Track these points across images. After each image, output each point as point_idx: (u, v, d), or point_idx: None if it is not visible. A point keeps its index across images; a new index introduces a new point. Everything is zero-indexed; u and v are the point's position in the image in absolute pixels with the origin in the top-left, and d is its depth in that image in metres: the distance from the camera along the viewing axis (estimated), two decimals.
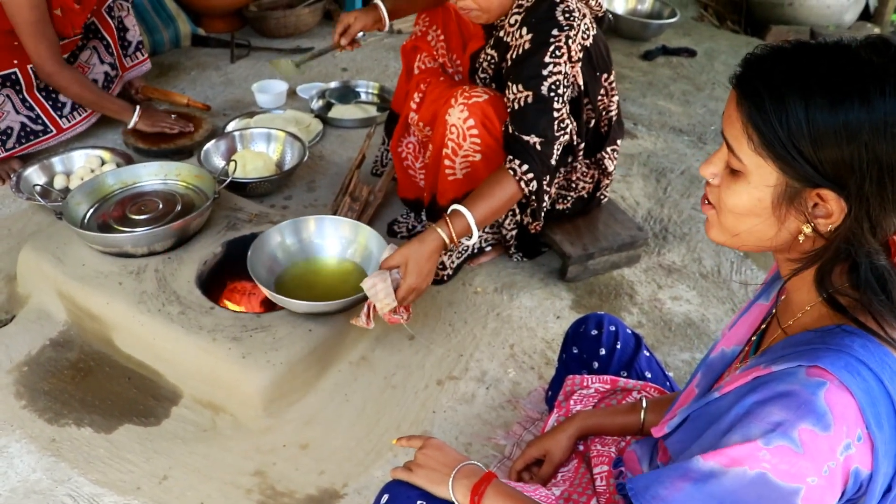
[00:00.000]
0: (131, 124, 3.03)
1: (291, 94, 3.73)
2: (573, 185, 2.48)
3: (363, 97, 3.70)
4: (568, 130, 2.11)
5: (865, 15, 5.57)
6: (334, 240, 2.24)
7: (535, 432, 1.95)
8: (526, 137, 2.04)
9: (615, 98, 2.37)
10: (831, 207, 0.92)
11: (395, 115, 2.71)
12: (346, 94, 3.67)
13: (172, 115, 3.19)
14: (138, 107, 3.07)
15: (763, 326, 1.19)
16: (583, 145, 2.34)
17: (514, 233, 2.48)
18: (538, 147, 2.03)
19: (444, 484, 1.27)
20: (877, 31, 5.39)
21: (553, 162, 2.08)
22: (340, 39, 2.56)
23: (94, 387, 2.07)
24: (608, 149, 2.43)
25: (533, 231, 2.47)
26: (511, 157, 2.05)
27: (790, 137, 0.90)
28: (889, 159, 0.87)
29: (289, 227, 2.21)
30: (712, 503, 0.94)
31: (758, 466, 0.90)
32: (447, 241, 1.92)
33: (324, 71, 4.08)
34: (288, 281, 2.16)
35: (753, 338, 1.20)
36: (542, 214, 2.37)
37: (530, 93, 2.03)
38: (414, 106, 2.46)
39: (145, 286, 2.12)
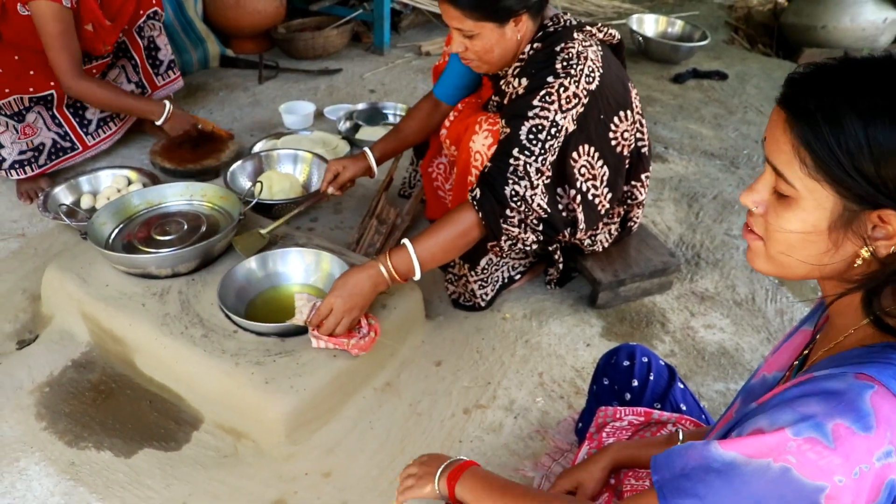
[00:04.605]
0: (160, 122, 2.98)
1: (319, 115, 3.72)
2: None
3: (391, 119, 3.67)
4: (522, 186, 1.98)
5: None
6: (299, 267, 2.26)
7: (564, 464, 1.89)
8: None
9: (645, 130, 2.32)
10: (893, 228, 0.89)
11: None
12: (374, 115, 3.65)
13: (199, 126, 3.13)
14: (168, 104, 3.01)
15: (805, 352, 1.15)
16: (583, 223, 2.22)
17: (560, 263, 2.43)
18: (487, 171, 2.00)
19: (432, 480, 1.38)
20: None
21: (505, 193, 1.97)
22: (329, 188, 2.49)
23: (114, 409, 2.04)
24: (642, 176, 2.37)
25: (490, 249, 2.32)
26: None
27: (850, 158, 0.86)
28: None
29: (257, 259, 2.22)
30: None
31: (783, 459, 0.85)
32: (384, 271, 1.92)
33: (352, 92, 4.08)
34: (259, 306, 2.18)
35: (795, 363, 1.15)
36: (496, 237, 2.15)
37: (508, 130, 2.00)
38: (447, 123, 2.41)
39: (168, 308, 2.09)
